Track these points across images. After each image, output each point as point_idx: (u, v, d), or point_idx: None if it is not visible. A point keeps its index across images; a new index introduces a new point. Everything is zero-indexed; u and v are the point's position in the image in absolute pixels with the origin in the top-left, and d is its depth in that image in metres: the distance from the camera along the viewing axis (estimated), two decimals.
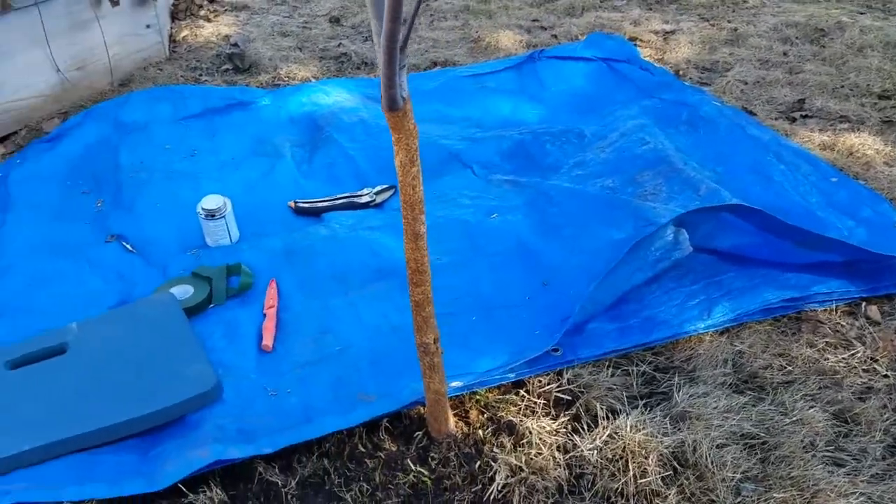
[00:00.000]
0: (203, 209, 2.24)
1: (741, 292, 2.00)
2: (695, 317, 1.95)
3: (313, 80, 3.41)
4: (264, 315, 2.00)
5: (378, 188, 2.54)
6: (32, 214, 2.43)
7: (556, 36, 3.95)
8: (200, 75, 3.45)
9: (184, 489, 1.53)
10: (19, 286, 2.12)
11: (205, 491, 1.53)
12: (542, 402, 1.74)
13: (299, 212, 2.45)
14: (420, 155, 1.31)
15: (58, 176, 2.62)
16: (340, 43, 3.86)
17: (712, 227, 2.11)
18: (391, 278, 2.08)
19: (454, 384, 1.73)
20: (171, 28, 3.85)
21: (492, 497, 1.54)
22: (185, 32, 3.85)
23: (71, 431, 1.58)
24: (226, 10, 4.25)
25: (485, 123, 3.00)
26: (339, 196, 2.50)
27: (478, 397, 1.76)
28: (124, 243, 2.31)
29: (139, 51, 3.41)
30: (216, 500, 1.52)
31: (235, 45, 3.70)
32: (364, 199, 2.49)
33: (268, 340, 1.90)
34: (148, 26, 3.42)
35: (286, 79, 3.44)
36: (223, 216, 2.24)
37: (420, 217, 1.37)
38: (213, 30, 3.92)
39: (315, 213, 2.44)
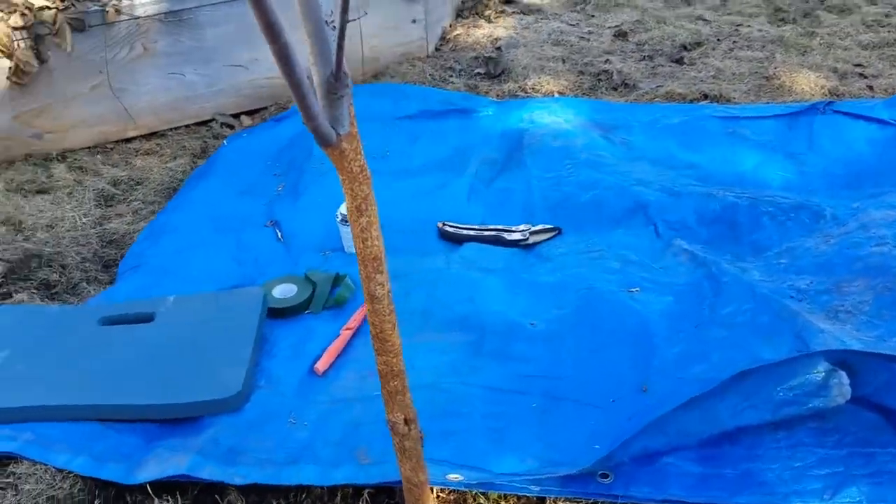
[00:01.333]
0: (341, 213, 2.24)
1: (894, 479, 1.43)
2: (812, 491, 1.44)
3: (556, 95, 3.23)
4: (343, 331, 1.93)
5: (538, 227, 2.31)
6: (223, 185, 2.65)
7: (871, 87, 3.22)
8: (450, 76, 3.46)
9: (150, 490, 1.54)
10: (173, 248, 2.33)
11: (168, 500, 1.53)
12: None
13: (443, 235, 2.33)
14: (603, 200, 1.10)
15: (264, 155, 2.82)
16: (608, 59, 3.60)
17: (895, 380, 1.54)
18: (471, 332, 1.88)
19: (452, 476, 1.50)
20: (448, 25, 3.92)
21: None
22: (458, 31, 3.90)
23: (98, 400, 1.68)
24: (513, 13, 4.21)
25: (709, 176, 2.56)
26: (489, 227, 2.32)
27: (482, 501, 1.51)
28: (277, 231, 2.42)
29: (399, 45, 3.52)
30: None
31: (498, 48, 3.65)
32: (514, 237, 2.28)
33: (322, 363, 1.84)
34: (414, 21, 3.52)
35: (530, 90, 3.30)
36: None
37: (375, 276, 1.18)
38: (487, 31, 3.91)
39: (457, 240, 2.30)
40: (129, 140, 3.06)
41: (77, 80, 2.88)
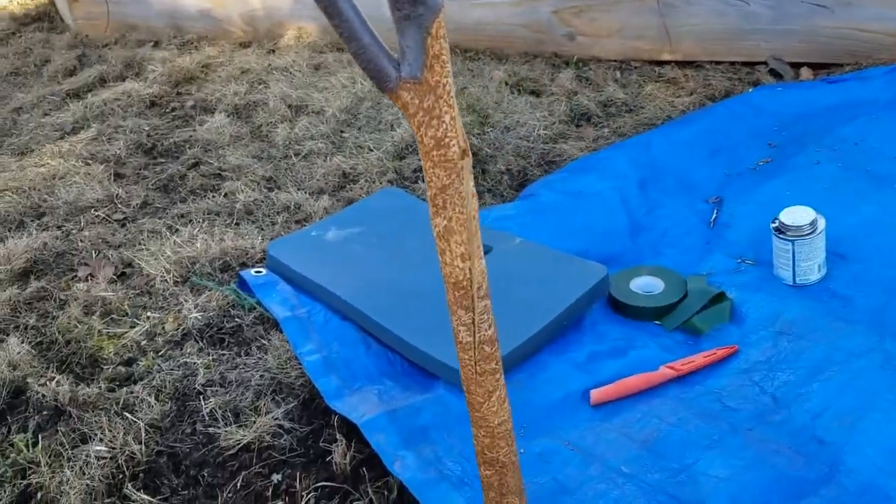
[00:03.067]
0: (781, 220, 1.59)
1: None
2: None
3: None
4: (665, 368, 1.41)
5: None
6: (695, 136, 2.14)
7: None
8: None
9: (336, 424, 1.37)
10: (578, 187, 2.00)
11: (341, 443, 1.34)
12: None
13: None
14: None
15: (773, 116, 2.19)
16: None
17: None
18: None
19: None
20: None
21: None
22: None
23: (371, 310, 1.56)
24: None
25: None
26: None
27: None
28: (715, 210, 1.87)
29: None
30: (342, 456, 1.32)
31: None
32: None
33: (602, 394, 1.37)
34: None
35: None
36: (798, 239, 1.55)
37: (457, 312, 0.77)
38: None
39: None
40: (658, 63, 2.73)
41: None
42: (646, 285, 1.62)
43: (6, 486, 1.30)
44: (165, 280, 1.76)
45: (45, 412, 1.45)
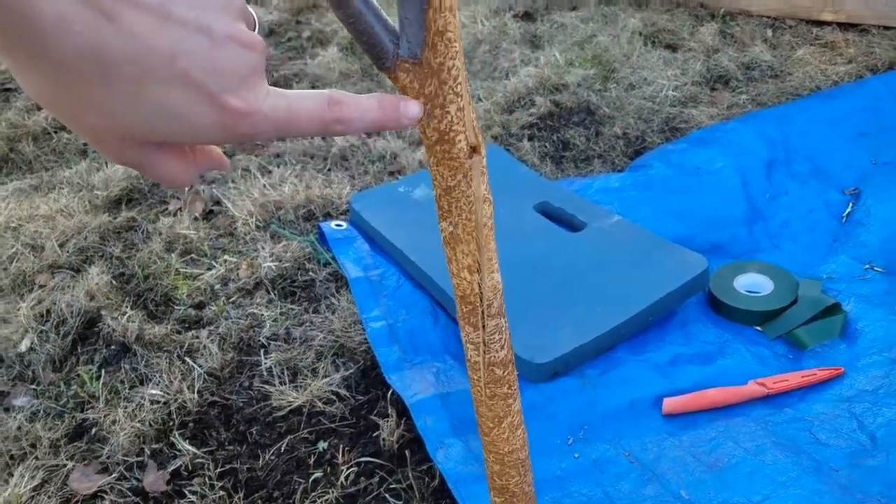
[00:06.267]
0: None
1: None
2: None
3: None
4: (753, 384, 1.28)
5: None
6: (848, 112, 1.92)
7: None
8: None
9: (388, 400, 1.34)
10: (691, 161, 1.83)
11: (390, 419, 1.31)
12: None
13: None
14: None
15: None
16: None
17: None
18: None
19: None
20: None
21: None
22: None
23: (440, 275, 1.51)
24: None
25: None
26: None
27: None
28: (850, 204, 1.68)
29: None
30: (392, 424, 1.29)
31: None
32: None
33: (676, 403, 1.26)
34: None
35: None
36: None
37: (465, 329, 0.69)
38: None
39: None
40: (817, 23, 2.46)
41: None
42: (752, 284, 1.48)
43: (66, 417, 1.36)
44: (248, 223, 1.77)
45: (112, 346, 1.50)
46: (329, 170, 1.97)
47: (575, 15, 2.74)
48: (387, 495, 1.19)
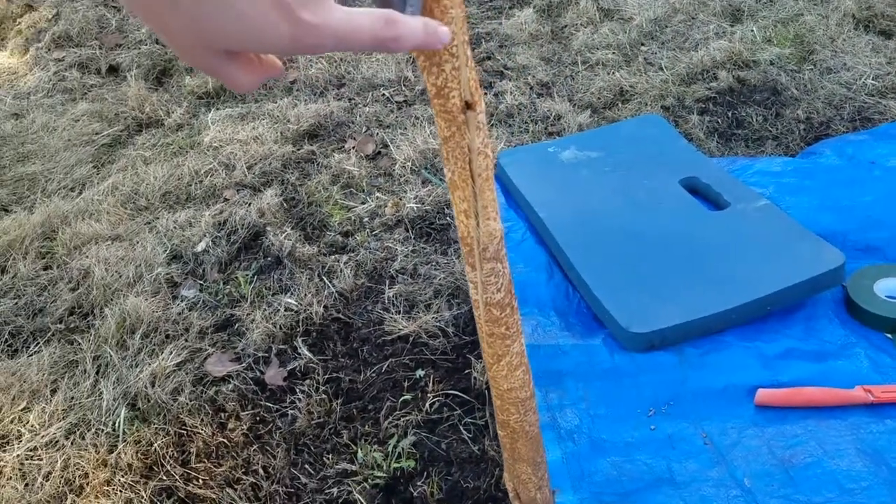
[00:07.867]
0: None
1: None
2: None
3: None
4: (859, 390, 1.21)
5: None
6: None
7: None
8: None
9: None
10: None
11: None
12: None
13: None
14: None
15: None
16: None
17: None
18: None
19: None
20: None
21: None
22: None
23: (574, 251, 1.55)
24: None
25: None
26: None
27: None
28: None
29: None
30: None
31: None
32: None
33: (771, 396, 1.23)
34: None
35: None
36: None
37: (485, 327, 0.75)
38: None
39: None
40: None
41: None
42: (894, 289, 1.38)
43: (217, 311, 1.58)
44: (405, 166, 1.91)
45: (268, 258, 1.70)
46: (492, 125, 2.05)
47: None
48: (462, 428, 1.29)
